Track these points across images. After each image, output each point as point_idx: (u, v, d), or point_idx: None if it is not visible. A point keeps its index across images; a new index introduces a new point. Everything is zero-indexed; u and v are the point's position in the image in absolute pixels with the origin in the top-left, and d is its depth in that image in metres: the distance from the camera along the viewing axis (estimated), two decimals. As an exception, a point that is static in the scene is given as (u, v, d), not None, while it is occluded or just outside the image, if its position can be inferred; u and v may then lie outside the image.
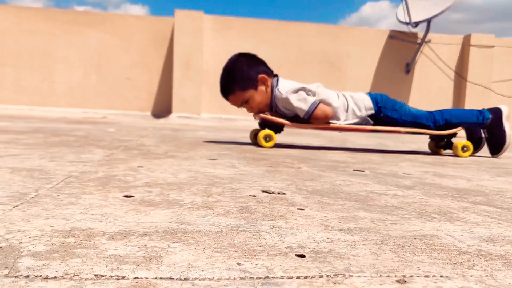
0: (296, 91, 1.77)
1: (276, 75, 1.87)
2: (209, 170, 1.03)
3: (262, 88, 1.80)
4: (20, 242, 0.43)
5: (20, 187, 0.72)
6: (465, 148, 1.86)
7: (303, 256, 0.44)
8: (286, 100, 1.76)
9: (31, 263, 0.38)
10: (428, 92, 4.97)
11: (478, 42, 4.77)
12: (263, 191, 0.79)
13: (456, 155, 1.87)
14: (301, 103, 1.75)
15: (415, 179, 1.07)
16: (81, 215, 0.55)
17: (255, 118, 1.89)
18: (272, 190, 0.80)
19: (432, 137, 1.99)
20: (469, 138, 1.94)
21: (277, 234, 0.52)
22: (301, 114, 1.77)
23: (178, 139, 1.99)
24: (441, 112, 1.88)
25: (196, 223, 0.54)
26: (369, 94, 1.87)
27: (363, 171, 1.19)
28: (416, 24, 4.50)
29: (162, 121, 4.69)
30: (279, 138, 2.50)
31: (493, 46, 4.80)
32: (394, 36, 4.84)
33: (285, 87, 1.78)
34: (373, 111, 1.83)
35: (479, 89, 4.81)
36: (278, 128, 1.90)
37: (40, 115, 4.47)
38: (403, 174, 1.17)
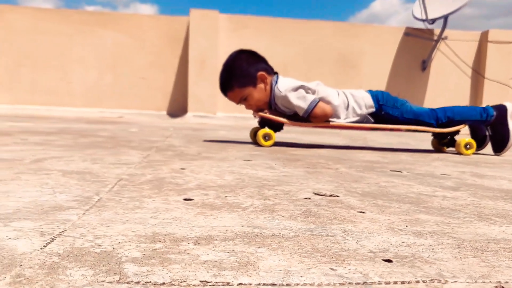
0: (296, 89, 1.76)
1: (276, 73, 1.86)
2: (251, 171, 1.04)
3: (261, 85, 1.79)
4: (113, 248, 0.44)
5: (80, 190, 0.73)
6: (468, 146, 1.84)
7: (389, 261, 0.44)
8: (285, 98, 1.75)
9: (135, 269, 0.39)
10: (445, 89, 4.94)
11: (496, 38, 4.73)
12: (315, 194, 0.79)
13: (459, 153, 1.85)
14: (300, 101, 1.74)
15: (455, 180, 1.07)
16: (154, 220, 0.56)
17: (254, 116, 1.89)
18: (324, 193, 0.80)
19: (435, 135, 1.97)
20: (473, 135, 1.93)
21: (352, 238, 0.52)
22: (300, 113, 1.76)
23: (202, 139, 2.00)
24: (444, 109, 1.86)
25: (268, 227, 0.55)
26: (370, 91, 1.86)
27: (400, 171, 1.19)
28: (433, 20, 4.47)
29: (178, 120, 4.71)
30: (303, 137, 2.51)
31: (511, 42, 4.76)
32: (409, 33, 4.81)
33: (284, 85, 1.77)
34: (373, 109, 1.82)
35: (497, 86, 4.77)
36: (277, 127, 1.90)
37: (58, 115, 4.51)
38: (441, 174, 1.16)
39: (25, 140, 1.62)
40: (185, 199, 0.70)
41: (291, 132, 2.96)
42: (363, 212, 0.66)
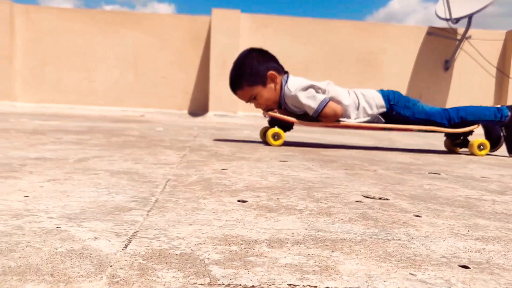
0: (306, 88, 1.75)
1: (286, 72, 1.85)
2: (292, 173, 1.04)
3: (271, 85, 1.79)
4: (192, 250, 0.45)
5: (133, 191, 0.74)
6: (481, 147, 1.81)
7: (466, 267, 0.44)
8: (295, 97, 1.75)
9: (221, 272, 0.39)
10: (469, 89, 4.88)
11: (522, 38, 4.65)
12: (365, 196, 0.79)
13: (472, 154, 1.83)
14: (310, 100, 1.73)
15: (498, 183, 1.05)
16: (218, 221, 0.57)
17: (264, 116, 1.89)
18: (373, 196, 0.80)
19: (448, 135, 1.94)
20: (487, 136, 1.90)
21: (419, 242, 0.52)
22: (310, 112, 1.75)
23: (230, 139, 2.01)
24: (457, 109, 1.83)
25: (332, 231, 0.55)
26: (381, 91, 1.84)
27: (438, 174, 1.18)
28: (457, 20, 4.42)
29: (199, 119, 4.73)
30: (327, 137, 2.50)
31: (537, 42, 4.68)
32: (432, 32, 4.76)
33: (294, 85, 1.76)
34: (384, 109, 1.80)
35: (522, 86, 4.69)
36: (287, 126, 1.89)
37: (81, 114, 4.57)
38: (482, 177, 1.15)
39: (60, 139, 1.64)
40: (239, 201, 0.70)
41: (314, 132, 2.95)
42: (419, 216, 0.66)
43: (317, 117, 1.75)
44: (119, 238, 0.47)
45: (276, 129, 1.78)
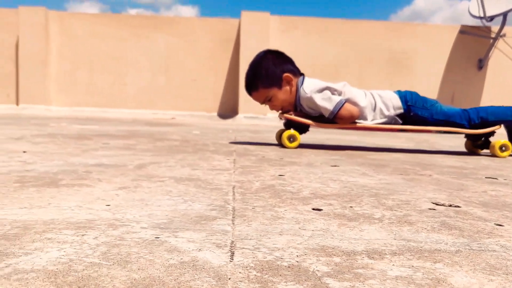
0: (321, 90, 1.74)
1: (302, 74, 1.84)
2: (350, 179, 1.04)
3: (286, 87, 1.78)
4: (297, 262, 0.45)
5: (206, 198, 0.75)
6: (503, 148, 1.77)
7: None
8: (311, 99, 1.74)
9: (338, 285, 0.40)
10: (503, 88, 4.77)
11: (560, 36, 4.52)
12: (435, 204, 0.78)
13: (494, 155, 1.78)
14: (326, 102, 1.72)
15: (562, 188, 1.03)
16: (305, 231, 0.57)
17: (280, 118, 1.88)
18: (442, 203, 0.80)
19: (468, 136, 1.89)
20: (510, 137, 1.85)
21: (516, 254, 0.51)
22: (326, 114, 1.74)
23: (269, 142, 2.01)
24: (477, 109, 1.79)
25: (420, 240, 0.55)
26: (398, 92, 1.82)
27: (496, 178, 1.16)
28: (491, 18, 4.33)
29: (229, 121, 4.76)
30: (365, 139, 2.48)
31: None
32: (465, 31, 4.67)
33: (309, 86, 1.75)
34: (402, 110, 1.77)
35: (560, 85, 4.56)
36: (303, 128, 1.88)
37: (113, 117, 4.65)
38: (542, 182, 1.13)
39: (107, 144, 1.68)
40: (313, 209, 0.70)
41: (350, 134, 2.94)
42: (500, 225, 0.65)
43: (333, 119, 1.75)
44: (221, 249, 0.48)
45: (291, 131, 1.78)
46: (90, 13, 5.29)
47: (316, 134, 2.89)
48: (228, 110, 5.07)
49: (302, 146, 1.90)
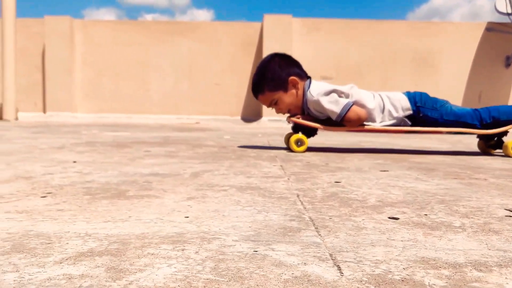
0: (328, 93, 1.73)
1: (309, 77, 1.83)
2: (408, 184, 1.03)
3: (292, 90, 1.78)
4: (407, 275, 0.45)
5: (279, 208, 0.75)
6: None
7: None
8: (318, 102, 1.73)
9: (464, 301, 0.39)
10: (532, 86, 4.68)
11: None
12: (509, 210, 0.77)
13: (507, 155, 1.75)
14: (333, 105, 1.71)
15: None
16: (395, 242, 0.57)
17: (288, 122, 1.87)
18: (515, 208, 0.78)
19: (481, 137, 1.86)
20: None
21: None
22: (334, 117, 1.73)
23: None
24: (488, 109, 1.76)
25: (517, 251, 0.54)
26: (407, 93, 1.79)
27: (553, 181, 1.14)
28: (519, 15, 4.25)
29: (254, 124, 4.76)
30: (398, 141, 2.46)
31: None
32: (491, 28, 4.60)
33: (316, 89, 1.74)
34: (410, 112, 1.75)
35: None
36: (311, 132, 1.86)
37: (138, 122, 4.69)
38: None
39: (149, 152, 1.70)
40: (389, 218, 0.70)
41: (383, 137, 2.91)
42: None
43: (341, 122, 1.74)
44: (325, 263, 0.48)
45: (299, 135, 1.78)
46: (113, 20, 5.36)
47: (338, 136, 2.88)
48: (252, 113, 5.08)
49: (333, 150, 1.89)
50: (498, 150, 1.88)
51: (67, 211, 0.71)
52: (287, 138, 1.88)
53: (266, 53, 4.76)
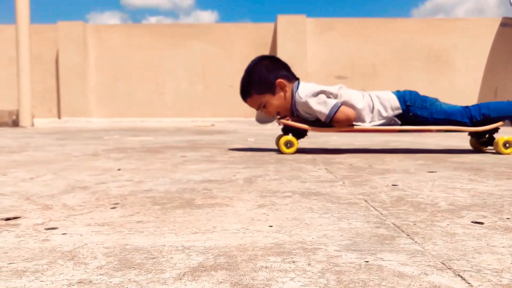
0: (316, 94, 1.72)
1: (297, 79, 1.83)
2: (466, 186, 1.03)
3: (280, 93, 1.77)
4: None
5: (356, 214, 0.75)
6: (507, 145, 1.73)
7: None
8: (306, 104, 1.73)
9: None
10: (550, 80, 4.65)
11: None
12: None
13: (498, 152, 1.73)
14: (321, 106, 1.71)
15: None
16: (497, 248, 0.56)
17: (278, 124, 1.86)
18: None
19: (472, 134, 1.86)
20: None
21: None
22: (322, 118, 1.73)
23: (333, 147, 2.00)
24: (478, 106, 1.75)
25: None
26: (397, 92, 1.79)
27: None
28: (535, 9, 4.22)
29: (269, 126, 4.76)
30: (422, 140, 2.45)
31: None
32: (507, 23, 4.58)
33: (304, 91, 1.74)
34: (400, 111, 1.75)
35: None
36: (301, 133, 1.86)
37: (154, 126, 4.70)
38: None
39: (185, 157, 1.70)
40: (473, 222, 0.69)
41: (408, 136, 2.90)
42: None
43: (330, 123, 1.73)
44: (445, 272, 0.48)
45: (288, 137, 1.78)
46: (126, 24, 5.38)
47: (364, 136, 2.87)
48: (266, 114, 5.07)
49: (365, 151, 1.89)
50: (490, 147, 1.88)
51: (147, 222, 0.71)
52: (278, 140, 1.88)
53: (280, 54, 4.76)
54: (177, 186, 1.03)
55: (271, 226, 0.68)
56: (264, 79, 1.78)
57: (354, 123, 1.76)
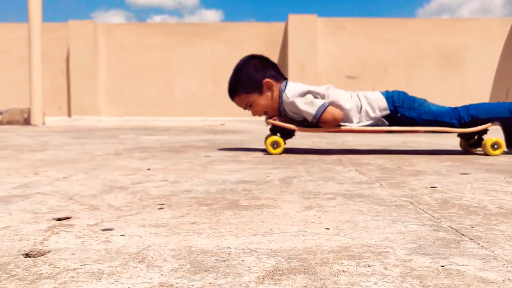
0: (303, 94, 1.72)
1: (285, 79, 1.83)
2: (507, 188, 1.02)
3: (267, 93, 1.77)
4: None
5: (405, 217, 0.74)
6: (495, 146, 1.72)
7: None
8: (293, 104, 1.72)
9: None
10: (562, 81, 4.63)
11: None
12: None
13: (486, 154, 1.73)
14: (308, 106, 1.70)
15: None
16: None
17: (266, 124, 1.86)
18: None
19: (461, 135, 1.86)
20: (506, 134, 1.78)
21: None
22: (309, 118, 1.72)
23: (350, 148, 2.00)
24: (467, 107, 1.75)
25: None
26: (386, 92, 1.78)
27: None
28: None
29: (280, 125, 4.75)
30: (449, 141, 2.44)
31: None
32: (519, 24, 4.55)
33: (291, 91, 1.74)
34: (388, 112, 1.74)
35: None
36: (289, 133, 1.86)
37: (164, 125, 4.70)
38: None
39: (210, 157, 1.69)
40: (531, 226, 0.69)
41: (425, 136, 2.89)
42: None
43: (317, 123, 1.73)
44: (528, 279, 0.47)
45: (275, 138, 1.77)
46: (136, 23, 5.38)
47: (382, 137, 2.86)
48: (276, 114, 5.07)
49: (386, 152, 1.88)
50: (479, 149, 1.88)
51: (201, 224, 0.70)
52: (266, 140, 1.88)
53: (291, 53, 4.75)
54: (215, 187, 1.03)
55: (328, 228, 0.68)
56: (252, 78, 1.77)
57: (341, 123, 1.76)
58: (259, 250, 0.57)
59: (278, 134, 1.82)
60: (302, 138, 2.80)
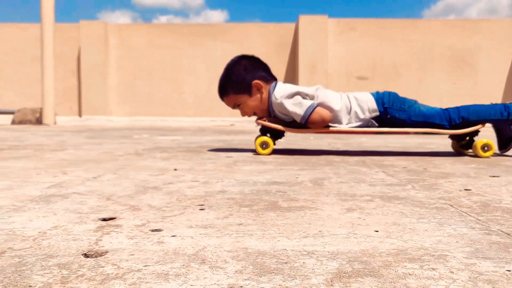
0: (292, 95, 1.71)
1: (275, 80, 1.82)
2: (542, 191, 1.01)
3: (256, 94, 1.77)
4: None
5: (450, 219, 0.74)
6: (486, 148, 1.71)
7: None
8: (281, 105, 1.72)
9: None
10: None
11: None
12: None
13: (476, 155, 1.72)
14: (296, 107, 1.70)
15: None
16: None
17: (256, 124, 1.86)
18: None
19: (453, 137, 1.85)
20: (498, 136, 1.77)
21: None
22: (298, 119, 1.72)
23: (366, 149, 1.99)
24: (458, 109, 1.73)
25: None
26: (376, 94, 1.77)
27: None
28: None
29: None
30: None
31: None
32: (531, 26, 4.53)
33: (280, 92, 1.73)
34: (377, 113, 1.74)
35: None
36: (278, 134, 1.86)
37: (174, 125, 4.71)
38: None
39: (231, 157, 1.69)
40: None
41: (441, 138, 2.88)
42: None
43: (305, 124, 1.73)
44: None
45: (264, 138, 1.77)
46: (147, 24, 5.39)
47: (396, 138, 2.85)
48: (286, 114, 5.07)
49: (405, 154, 1.87)
50: (470, 150, 1.86)
51: (249, 225, 0.70)
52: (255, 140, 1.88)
53: (302, 54, 4.75)
54: (248, 188, 1.03)
55: (377, 231, 0.68)
56: (242, 79, 1.77)
57: (330, 124, 1.76)
58: (316, 252, 0.57)
59: (268, 135, 1.82)
60: (316, 139, 2.80)
